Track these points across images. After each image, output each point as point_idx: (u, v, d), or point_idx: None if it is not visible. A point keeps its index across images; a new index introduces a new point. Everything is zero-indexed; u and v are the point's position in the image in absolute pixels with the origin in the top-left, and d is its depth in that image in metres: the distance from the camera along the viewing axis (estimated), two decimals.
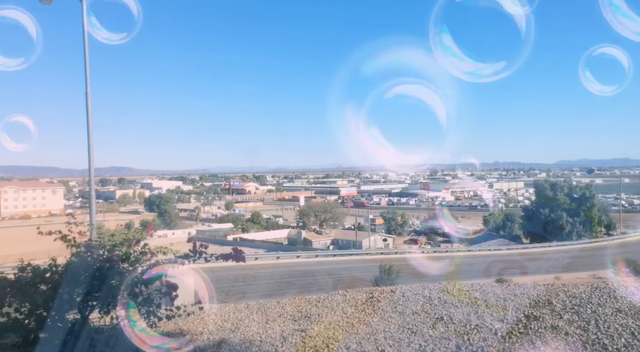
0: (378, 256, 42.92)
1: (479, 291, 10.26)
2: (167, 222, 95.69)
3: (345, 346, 6.96)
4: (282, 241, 77.23)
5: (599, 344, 6.62)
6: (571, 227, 63.83)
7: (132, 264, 6.05)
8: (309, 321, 8.56)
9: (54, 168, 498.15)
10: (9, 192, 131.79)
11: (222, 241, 67.31)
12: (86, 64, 13.43)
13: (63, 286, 5.68)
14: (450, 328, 7.64)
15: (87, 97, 13.40)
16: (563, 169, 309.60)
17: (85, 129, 13.30)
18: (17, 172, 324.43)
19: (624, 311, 7.97)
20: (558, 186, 71.94)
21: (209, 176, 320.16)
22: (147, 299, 5.83)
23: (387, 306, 9.22)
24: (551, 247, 52.88)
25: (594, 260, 35.96)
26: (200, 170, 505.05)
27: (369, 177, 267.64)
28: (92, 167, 13.51)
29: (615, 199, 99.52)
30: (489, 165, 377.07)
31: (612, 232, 69.72)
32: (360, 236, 69.78)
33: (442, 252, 50.31)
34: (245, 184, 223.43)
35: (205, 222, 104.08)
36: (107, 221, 69.28)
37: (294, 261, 41.93)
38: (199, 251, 5.99)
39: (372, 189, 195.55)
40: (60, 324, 5.66)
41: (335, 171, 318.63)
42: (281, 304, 10.17)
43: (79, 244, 6.12)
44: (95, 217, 12.86)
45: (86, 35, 13.31)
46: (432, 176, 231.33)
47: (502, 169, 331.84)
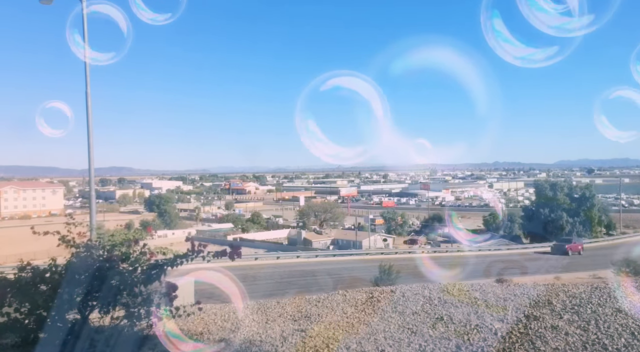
0: (378, 256, 42.90)
1: (479, 291, 10.26)
2: (167, 222, 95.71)
3: (345, 346, 6.96)
4: (282, 241, 77.25)
5: (599, 344, 6.62)
6: (571, 227, 63.83)
7: (132, 264, 6.05)
8: (309, 321, 8.56)
9: (54, 168, 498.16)
10: (9, 192, 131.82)
11: (222, 240, 67.24)
12: (86, 63, 13.43)
13: (63, 286, 5.67)
14: (450, 328, 7.64)
15: (87, 97, 13.39)
16: (563, 169, 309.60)
17: (85, 129, 13.29)
18: (17, 172, 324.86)
19: (624, 311, 7.97)
20: (558, 186, 71.96)
21: (209, 176, 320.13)
22: (146, 299, 5.83)
23: (387, 306, 9.22)
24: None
25: (593, 260, 35.98)
26: (200, 170, 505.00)
27: (369, 177, 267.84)
28: (92, 167, 13.50)
29: (615, 199, 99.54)
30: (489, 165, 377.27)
31: (612, 232, 69.73)
32: (360, 236, 69.79)
33: (442, 252, 50.29)
34: (245, 184, 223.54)
35: (205, 222, 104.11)
36: (107, 221, 69.32)
37: (294, 261, 41.93)
38: (198, 250, 5.99)
39: (372, 189, 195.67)
40: (60, 324, 5.65)
41: (335, 171, 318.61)
42: (281, 304, 10.17)
43: (79, 245, 6.12)
44: (95, 217, 12.86)
45: (86, 35, 13.30)
46: (431, 175, 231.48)
47: (502, 169, 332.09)
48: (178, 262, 5.94)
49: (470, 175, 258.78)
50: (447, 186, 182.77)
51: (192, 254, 5.97)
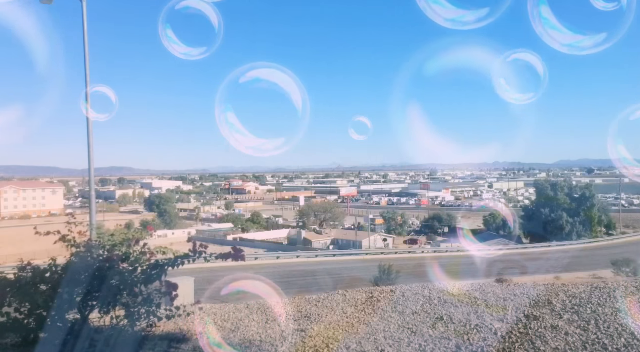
0: (378, 256, 42.95)
1: (479, 291, 10.25)
2: (167, 222, 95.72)
3: (345, 346, 6.96)
4: (282, 241, 77.26)
5: (599, 344, 6.62)
6: (571, 227, 63.89)
7: (132, 264, 6.05)
8: (309, 321, 8.56)
9: (54, 168, 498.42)
10: (9, 192, 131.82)
11: (222, 240, 67.30)
12: (86, 63, 13.44)
13: (63, 286, 5.68)
14: (450, 328, 7.64)
15: (87, 97, 13.39)
16: (563, 169, 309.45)
17: (86, 129, 13.31)
18: (17, 172, 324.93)
19: (624, 311, 7.97)
20: (558, 185, 72.02)
21: (209, 175, 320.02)
22: (147, 299, 5.83)
23: (387, 306, 9.22)
24: (551, 247, 52.92)
25: (594, 260, 36.03)
26: (200, 170, 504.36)
27: (369, 177, 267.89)
28: (92, 167, 13.52)
29: (615, 199, 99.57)
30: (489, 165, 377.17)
31: (612, 232, 69.79)
32: (360, 236, 69.81)
33: (442, 252, 50.33)
34: (245, 184, 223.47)
35: (205, 222, 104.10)
36: (107, 221, 69.28)
37: (294, 261, 41.96)
38: (199, 251, 6.00)
39: (372, 189, 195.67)
40: (60, 324, 5.66)
41: (335, 171, 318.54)
42: (281, 304, 10.17)
43: (79, 244, 6.13)
44: (95, 217, 12.88)
45: (86, 35, 13.32)
46: (432, 175, 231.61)
47: (502, 169, 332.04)
48: (179, 263, 5.95)
49: (470, 175, 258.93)
50: (447, 186, 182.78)
51: (193, 255, 5.98)
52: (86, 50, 13.47)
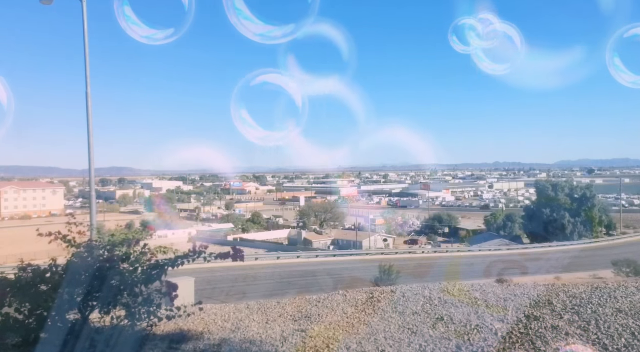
0: (378, 256, 42.93)
1: (479, 291, 10.25)
2: (167, 222, 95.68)
3: (346, 346, 6.96)
4: (282, 241, 77.26)
5: (599, 344, 6.62)
6: (572, 227, 63.85)
7: (132, 264, 6.05)
8: (309, 321, 8.56)
9: (54, 168, 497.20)
10: (9, 192, 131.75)
11: (223, 240, 67.30)
12: (86, 63, 13.43)
13: (63, 286, 5.67)
14: (451, 328, 7.64)
15: (87, 97, 13.40)
16: (563, 169, 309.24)
17: (86, 129, 13.30)
18: (17, 172, 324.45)
19: (624, 311, 7.97)
20: (559, 185, 71.99)
21: (209, 176, 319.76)
22: (147, 299, 5.83)
23: (387, 306, 9.22)
24: (551, 247, 52.87)
25: (594, 260, 35.99)
26: (200, 170, 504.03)
27: (369, 177, 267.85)
28: (92, 167, 13.51)
29: (616, 199, 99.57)
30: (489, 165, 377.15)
31: (613, 232, 69.78)
32: (360, 236, 69.82)
33: (443, 252, 50.33)
34: (245, 184, 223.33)
35: (205, 222, 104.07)
36: (107, 221, 69.24)
37: (294, 261, 41.94)
38: (199, 251, 6.01)
39: (372, 189, 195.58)
40: (61, 324, 5.65)
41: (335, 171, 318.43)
42: (281, 304, 10.17)
43: (79, 244, 6.12)
44: (95, 217, 12.86)
45: (86, 35, 13.32)
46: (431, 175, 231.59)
47: (502, 169, 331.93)
48: (179, 263, 5.95)
49: (470, 175, 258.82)
50: (447, 186, 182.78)
51: (193, 255, 5.98)
52: (86, 51, 13.45)
